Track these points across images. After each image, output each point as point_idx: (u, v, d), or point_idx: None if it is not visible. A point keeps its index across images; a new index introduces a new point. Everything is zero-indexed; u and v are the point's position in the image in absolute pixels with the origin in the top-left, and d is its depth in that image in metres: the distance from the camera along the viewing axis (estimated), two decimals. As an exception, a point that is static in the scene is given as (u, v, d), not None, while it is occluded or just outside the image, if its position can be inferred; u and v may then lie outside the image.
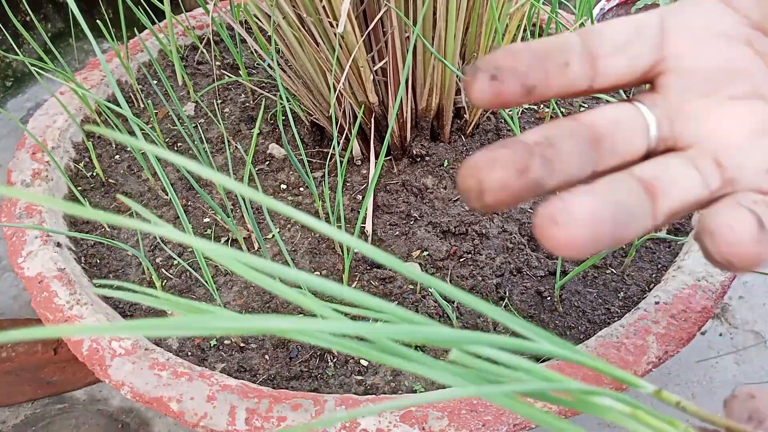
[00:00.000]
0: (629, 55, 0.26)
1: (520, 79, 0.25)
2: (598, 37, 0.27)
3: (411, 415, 0.44)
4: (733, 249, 0.22)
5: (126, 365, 0.48)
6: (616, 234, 0.23)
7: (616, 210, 0.23)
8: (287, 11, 0.57)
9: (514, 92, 0.25)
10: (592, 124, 0.26)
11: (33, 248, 0.58)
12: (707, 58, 0.26)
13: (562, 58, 0.26)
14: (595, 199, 0.23)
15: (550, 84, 0.26)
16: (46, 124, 0.72)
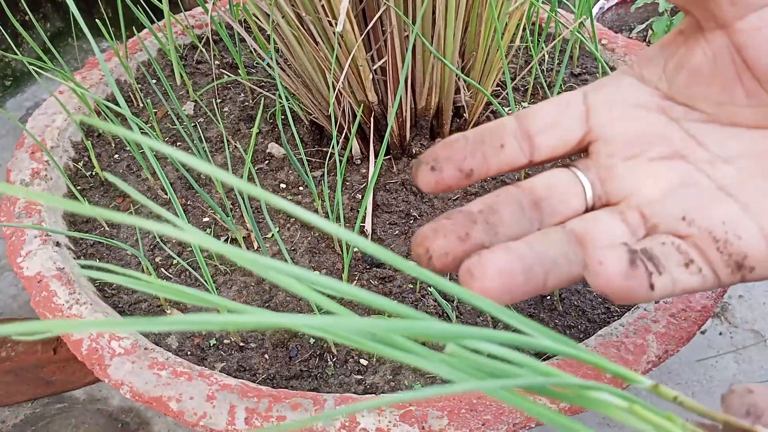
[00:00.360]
0: (560, 130, 0.30)
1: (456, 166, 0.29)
2: (531, 117, 0.30)
3: (411, 414, 0.44)
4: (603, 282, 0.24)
5: (125, 365, 0.48)
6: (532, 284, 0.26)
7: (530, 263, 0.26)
8: (286, 10, 0.57)
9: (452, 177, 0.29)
10: (531, 189, 0.30)
11: (32, 248, 0.58)
12: (628, 126, 0.30)
13: (497, 141, 0.30)
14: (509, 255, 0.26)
15: (489, 165, 0.29)
16: (45, 123, 0.72)
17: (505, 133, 0.30)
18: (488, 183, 0.68)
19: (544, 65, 0.84)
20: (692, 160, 0.29)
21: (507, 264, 0.26)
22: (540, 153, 0.30)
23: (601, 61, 0.60)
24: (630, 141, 0.30)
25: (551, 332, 0.18)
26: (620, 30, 1.18)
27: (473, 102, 0.69)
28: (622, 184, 0.29)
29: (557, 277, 0.26)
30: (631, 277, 0.24)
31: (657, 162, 0.29)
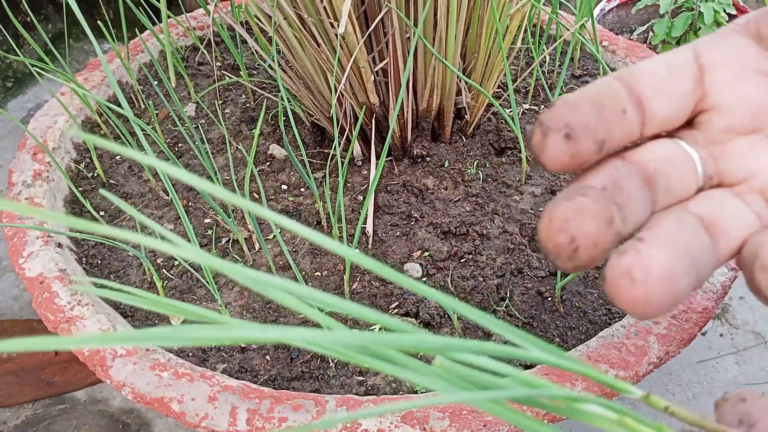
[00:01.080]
0: (674, 96, 0.26)
1: (592, 135, 0.23)
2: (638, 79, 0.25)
3: (412, 415, 0.45)
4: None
5: (127, 366, 0.48)
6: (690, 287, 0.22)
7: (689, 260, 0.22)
8: (288, 12, 0.57)
9: (589, 150, 0.23)
10: (642, 163, 0.25)
11: (34, 249, 0.58)
12: (747, 95, 0.26)
13: (618, 105, 0.24)
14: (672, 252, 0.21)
15: (613, 135, 0.24)
16: (46, 124, 0.72)
17: (620, 96, 0.25)
18: (489, 184, 0.68)
19: (545, 67, 0.84)
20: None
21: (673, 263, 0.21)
22: (652, 123, 0.26)
23: (602, 63, 0.60)
24: (749, 113, 0.26)
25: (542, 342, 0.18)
26: (621, 32, 1.18)
27: (474, 104, 0.69)
28: (740, 163, 0.26)
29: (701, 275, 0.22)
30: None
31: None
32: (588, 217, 0.21)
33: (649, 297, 0.20)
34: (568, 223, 0.22)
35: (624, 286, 0.21)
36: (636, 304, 0.21)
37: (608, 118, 0.24)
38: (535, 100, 0.80)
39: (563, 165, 0.23)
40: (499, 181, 0.68)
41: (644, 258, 0.21)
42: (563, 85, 0.81)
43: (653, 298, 0.20)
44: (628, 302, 0.21)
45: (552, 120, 0.23)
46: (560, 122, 0.23)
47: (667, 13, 1.07)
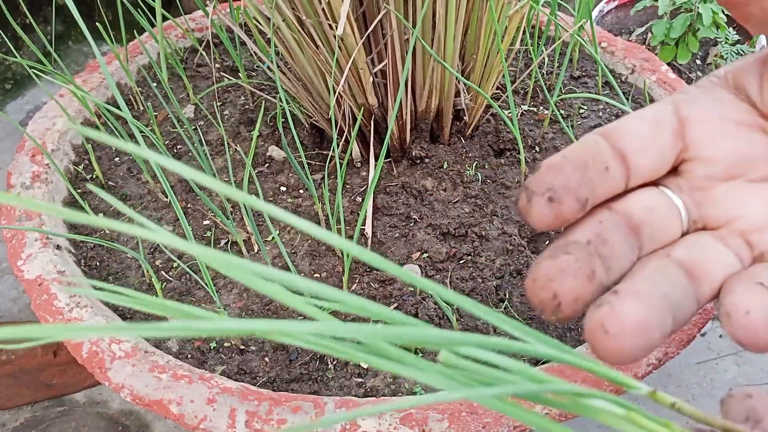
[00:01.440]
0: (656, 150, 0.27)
1: (573, 195, 0.25)
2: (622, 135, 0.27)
3: (411, 417, 0.44)
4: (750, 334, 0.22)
5: (126, 368, 0.48)
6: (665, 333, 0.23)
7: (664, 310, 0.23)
8: (287, 13, 0.57)
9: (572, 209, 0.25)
10: (627, 213, 0.26)
11: (33, 251, 0.58)
12: (727, 145, 0.27)
13: (601, 163, 0.26)
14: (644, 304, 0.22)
15: (596, 192, 0.26)
16: (45, 126, 0.72)
17: (603, 154, 0.26)
18: (488, 186, 0.68)
19: (544, 68, 0.85)
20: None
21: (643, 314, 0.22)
22: (637, 176, 0.27)
23: (600, 64, 0.60)
24: (730, 162, 0.27)
25: (547, 338, 0.18)
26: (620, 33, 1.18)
27: (473, 105, 0.69)
28: (721, 209, 0.27)
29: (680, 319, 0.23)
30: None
31: (759, 185, 0.27)
32: (570, 275, 0.23)
33: (623, 348, 0.21)
34: (551, 282, 0.23)
35: (599, 338, 0.22)
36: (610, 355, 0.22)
37: (591, 177, 0.25)
38: (534, 101, 0.80)
39: (548, 225, 0.25)
40: (498, 182, 0.68)
41: (617, 312, 0.22)
42: (562, 86, 0.81)
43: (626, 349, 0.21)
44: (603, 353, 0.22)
45: (536, 184, 0.25)
46: (543, 186, 0.24)
47: (666, 15, 1.07)
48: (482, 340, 0.16)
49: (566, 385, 0.17)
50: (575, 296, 0.23)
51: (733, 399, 0.21)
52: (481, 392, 0.16)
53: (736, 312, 0.22)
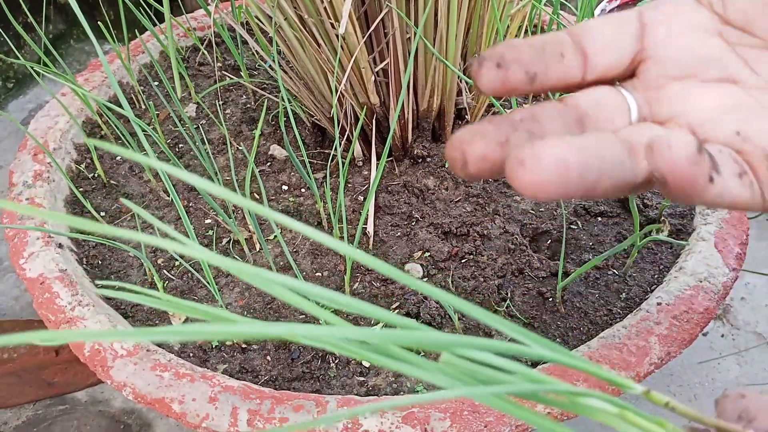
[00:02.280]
0: (615, 48, 0.29)
1: (523, 67, 0.27)
2: (586, 34, 0.29)
3: (413, 416, 0.44)
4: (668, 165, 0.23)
5: (128, 366, 0.48)
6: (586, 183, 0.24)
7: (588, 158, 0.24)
8: (288, 12, 0.57)
9: (518, 79, 0.27)
10: (576, 104, 0.28)
11: (35, 249, 0.58)
12: (683, 47, 0.29)
13: (558, 50, 0.28)
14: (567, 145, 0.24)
15: (549, 73, 0.28)
16: (47, 125, 0.72)
17: (563, 44, 0.29)
18: (490, 185, 0.68)
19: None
20: (744, 85, 0.28)
21: (565, 153, 0.23)
22: (594, 71, 0.29)
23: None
24: (684, 62, 0.29)
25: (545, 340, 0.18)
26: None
27: (475, 104, 0.69)
28: (671, 105, 0.29)
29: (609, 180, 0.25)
30: (696, 163, 0.23)
31: (709, 84, 0.28)
32: (480, 139, 0.25)
33: (538, 181, 0.23)
34: (463, 144, 0.26)
35: (516, 171, 0.23)
36: (526, 186, 0.23)
37: (545, 58, 0.28)
38: (537, 101, 0.80)
39: (495, 89, 0.27)
40: (500, 181, 0.68)
41: (536, 148, 0.23)
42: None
43: (542, 182, 0.23)
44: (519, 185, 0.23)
45: (489, 53, 0.27)
46: (495, 54, 0.27)
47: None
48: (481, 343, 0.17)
49: (562, 385, 0.17)
50: (482, 155, 0.25)
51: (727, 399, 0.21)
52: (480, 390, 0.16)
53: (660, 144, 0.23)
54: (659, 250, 0.61)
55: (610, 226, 0.64)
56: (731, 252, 0.56)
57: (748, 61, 0.28)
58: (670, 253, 0.61)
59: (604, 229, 0.64)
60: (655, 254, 0.61)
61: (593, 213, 0.65)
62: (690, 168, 0.23)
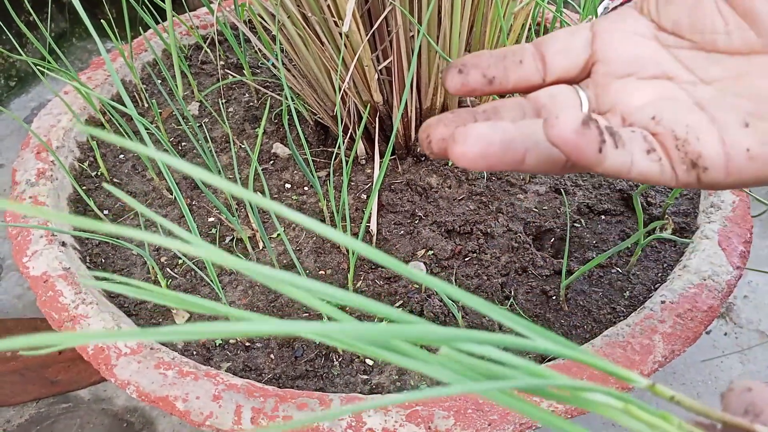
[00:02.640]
0: (570, 54, 0.34)
1: (481, 71, 0.33)
2: (546, 42, 0.35)
3: (417, 414, 0.44)
4: (556, 133, 0.27)
5: (131, 364, 0.48)
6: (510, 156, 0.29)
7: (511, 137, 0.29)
8: (292, 10, 0.57)
9: (476, 81, 0.33)
10: (536, 98, 0.34)
11: (38, 247, 0.58)
12: (624, 50, 0.34)
13: (517, 57, 0.34)
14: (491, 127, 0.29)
15: (508, 77, 0.34)
16: (50, 123, 0.72)
17: (524, 52, 0.34)
18: (493, 183, 0.68)
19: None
20: (677, 80, 0.33)
21: (488, 132, 0.28)
22: (552, 73, 0.34)
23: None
24: (625, 63, 0.33)
25: (550, 334, 0.18)
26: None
27: (478, 102, 0.69)
28: (612, 98, 0.33)
29: (536, 155, 0.30)
30: (581, 135, 0.27)
31: (646, 80, 0.33)
32: (442, 124, 0.32)
33: (464, 152, 0.28)
34: (429, 127, 0.32)
35: (451, 147, 0.29)
36: (456, 158, 0.28)
37: (505, 64, 0.34)
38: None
39: (457, 90, 0.33)
40: (503, 179, 0.68)
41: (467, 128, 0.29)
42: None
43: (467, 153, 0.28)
44: (452, 157, 0.29)
45: (455, 61, 0.34)
46: (458, 62, 0.33)
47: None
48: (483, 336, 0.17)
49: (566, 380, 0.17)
50: (442, 137, 0.31)
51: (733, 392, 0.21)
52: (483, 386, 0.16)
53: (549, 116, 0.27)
54: (663, 248, 0.61)
55: (614, 224, 0.64)
56: (735, 250, 0.56)
57: (683, 60, 0.33)
58: (674, 251, 0.61)
59: (608, 227, 0.64)
60: (659, 252, 0.61)
61: (597, 211, 0.65)
62: (576, 138, 0.26)
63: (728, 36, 0.31)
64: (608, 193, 0.67)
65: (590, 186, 0.68)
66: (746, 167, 0.29)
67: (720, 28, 0.31)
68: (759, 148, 0.29)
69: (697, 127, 0.30)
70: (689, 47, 0.33)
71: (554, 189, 0.67)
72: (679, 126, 0.30)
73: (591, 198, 0.67)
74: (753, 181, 0.30)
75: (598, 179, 0.69)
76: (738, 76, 0.31)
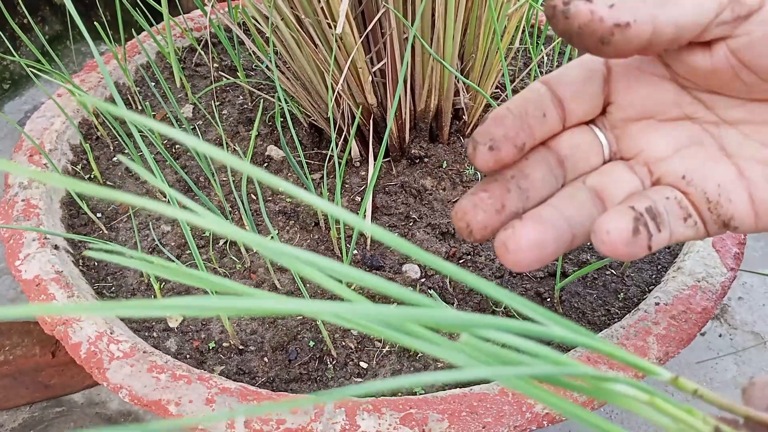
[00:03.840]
0: (587, 97, 0.32)
1: (511, 142, 0.30)
2: (561, 84, 0.32)
3: (411, 417, 0.44)
4: (609, 249, 0.27)
5: (124, 368, 0.48)
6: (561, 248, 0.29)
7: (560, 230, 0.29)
8: (285, 12, 0.57)
9: (509, 154, 0.30)
10: (557, 148, 0.32)
11: (31, 251, 0.58)
12: (643, 91, 0.32)
13: (540, 111, 0.32)
14: (540, 226, 0.29)
15: (535, 135, 0.31)
16: (43, 126, 0.72)
17: (543, 102, 0.32)
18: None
19: (544, 67, 0.84)
20: (700, 121, 0.32)
21: (539, 235, 0.28)
22: (571, 118, 0.33)
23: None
24: (643, 105, 0.32)
25: (564, 321, 0.18)
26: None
27: (473, 104, 0.69)
28: (634, 142, 0.32)
29: (583, 236, 0.30)
30: (631, 244, 0.27)
31: (667, 123, 0.32)
32: (480, 210, 0.30)
33: (519, 261, 0.28)
34: (466, 215, 0.30)
35: (502, 254, 0.29)
36: (511, 265, 0.29)
37: (530, 124, 0.31)
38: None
39: (491, 168, 0.30)
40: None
41: (517, 233, 0.28)
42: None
43: (522, 261, 0.28)
44: (506, 264, 0.29)
45: (480, 135, 0.30)
46: (487, 137, 0.30)
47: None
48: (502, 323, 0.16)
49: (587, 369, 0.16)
50: (484, 225, 0.30)
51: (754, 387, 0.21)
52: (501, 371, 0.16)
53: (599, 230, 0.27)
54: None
55: (608, 226, 0.64)
56: (729, 252, 0.56)
57: (704, 101, 0.31)
58: (668, 253, 0.61)
59: (602, 229, 0.64)
60: (653, 254, 0.61)
61: (591, 213, 0.65)
62: (627, 249, 0.27)
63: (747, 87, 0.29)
64: (602, 195, 0.67)
65: (584, 188, 0.68)
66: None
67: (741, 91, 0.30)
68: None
69: (728, 187, 0.30)
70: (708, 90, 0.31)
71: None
72: (710, 186, 0.30)
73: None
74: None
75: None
76: (762, 123, 0.30)
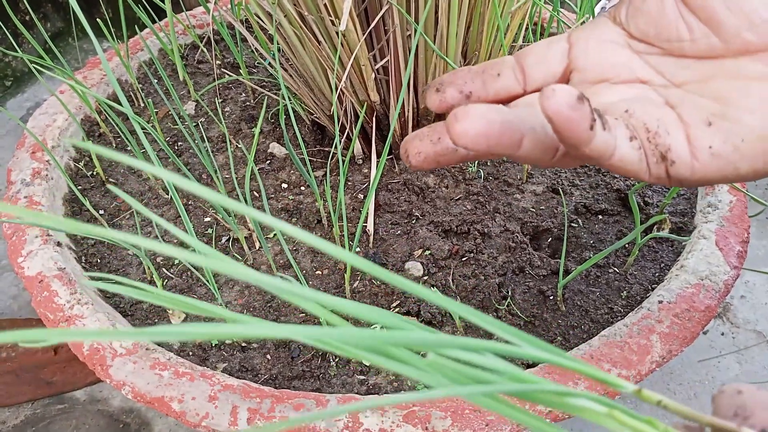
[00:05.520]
0: (548, 64, 0.36)
1: (458, 89, 0.35)
2: (525, 54, 0.37)
3: (414, 414, 0.44)
4: (551, 106, 0.27)
5: (127, 365, 0.48)
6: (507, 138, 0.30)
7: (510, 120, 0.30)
8: (288, 9, 0.57)
9: (453, 97, 0.35)
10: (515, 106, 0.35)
11: (33, 247, 0.58)
12: (599, 58, 0.36)
13: (495, 71, 0.36)
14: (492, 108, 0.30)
15: (487, 90, 0.36)
16: (46, 123, 0.72)
17: (503, 65, 0.36)
18: (490, 183, 0.68)
19: (546, 65, 0.84)
20: (650, 84, 0.34)
21: (488, 112, 0.30)
22: (532, 83, 0.36)
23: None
24: (600, 69, 0.35)
25: (539, 341, 0.18)
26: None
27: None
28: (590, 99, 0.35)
29: (533, 141, 0.31)
30: (575, 109, 0.27)
31: (621, 84, 0.35)
32: (417, 139, 0.34)
33: (465, 129, 0.29)
34: (406, 143, 0.34)
35: (451, 125, 0.29)
36: (456, 135, 0.29)
37: (483, 79, 0.36)
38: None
39: (437, 108, 0.35)
40: (501, 179, 0.68)
41: (468, 107, 0.30)
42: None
43: (468, 131, 0.29)
44: (453, 135, 0.29)
45: (433, 81, 0.35)
46: (436, 82, 0.35)
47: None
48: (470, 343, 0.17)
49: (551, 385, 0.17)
50: (417, 151, 0.33)
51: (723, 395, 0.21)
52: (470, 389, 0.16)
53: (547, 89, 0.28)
54: (660, 248, 0.61)
55: (611, 224, 0.64)
56: (732, 250, 0.56)
57: (654, 66, 0.35)
58: (671, 251, 0.61)
59: (605, 227, 0.64)
60: (656, 252, 0.61)
61: (594, 211, 0.65)
62: (570, 112, 0.27)
63: (693, 43, 0.33)
64: (605, 193, 0.67)
65: (587, 186, 0.68)
66: (709, 164, 0.31)
67: (685, 36, 0.33)
68: (721, 146, 0.31)
69: (666, 122, 0.32)
70: (659, 53, 0.34)
71: (551, 189, 0.67)
72: (651, 119, 0.32)
73: (588, 198, 0.66)
74: (718, 178, 0.31)
75: (595, 179, 0.69)
76: (704, 79, 0.33)
